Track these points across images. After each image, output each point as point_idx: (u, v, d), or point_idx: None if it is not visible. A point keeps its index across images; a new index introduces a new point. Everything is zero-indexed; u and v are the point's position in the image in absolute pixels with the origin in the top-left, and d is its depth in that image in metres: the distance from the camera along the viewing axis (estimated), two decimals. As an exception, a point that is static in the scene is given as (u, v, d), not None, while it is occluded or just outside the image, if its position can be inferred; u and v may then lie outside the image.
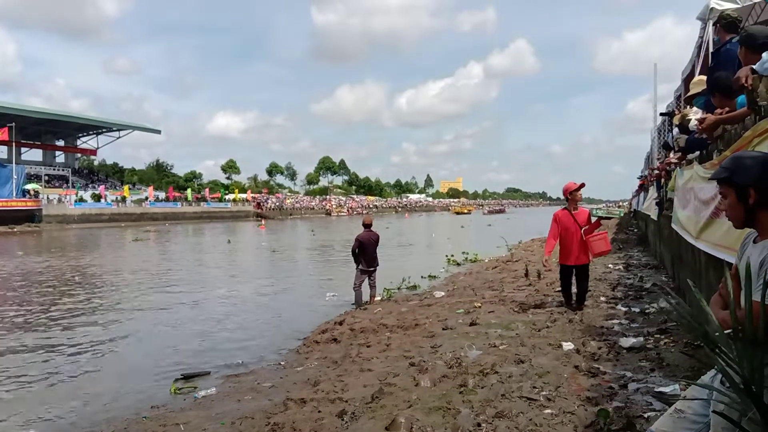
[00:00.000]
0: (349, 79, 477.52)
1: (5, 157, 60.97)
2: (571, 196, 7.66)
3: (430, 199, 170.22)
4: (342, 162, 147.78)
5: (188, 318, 10.46)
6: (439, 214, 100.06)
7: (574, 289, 7.78)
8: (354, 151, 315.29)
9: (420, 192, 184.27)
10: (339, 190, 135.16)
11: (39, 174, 62.68)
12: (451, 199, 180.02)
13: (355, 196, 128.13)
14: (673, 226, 7.86)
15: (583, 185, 7.71)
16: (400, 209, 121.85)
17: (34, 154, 73.03)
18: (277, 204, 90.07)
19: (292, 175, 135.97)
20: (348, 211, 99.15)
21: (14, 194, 50.68)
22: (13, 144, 55.87)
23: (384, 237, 14.92)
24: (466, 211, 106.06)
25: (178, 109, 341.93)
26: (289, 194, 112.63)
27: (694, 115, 6.94)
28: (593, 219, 7.69)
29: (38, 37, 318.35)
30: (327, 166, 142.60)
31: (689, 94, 6.75)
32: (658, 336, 5.75)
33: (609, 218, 8.32)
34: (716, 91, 4.58)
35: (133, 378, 6.82)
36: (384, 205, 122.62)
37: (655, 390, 4.13)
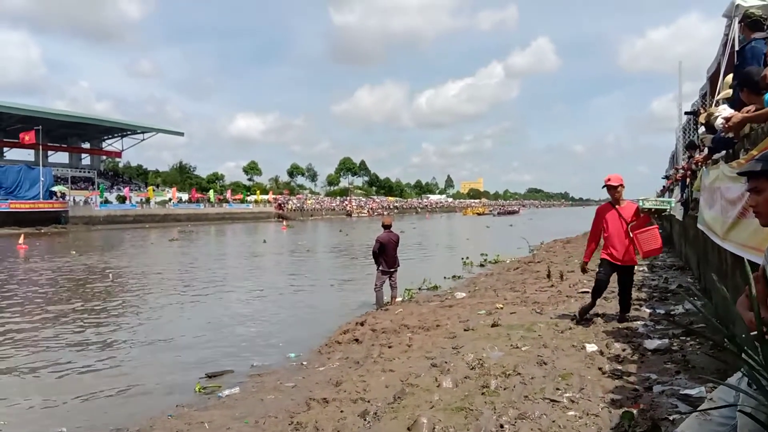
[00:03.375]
0: (369, 80, 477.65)
1: (32, 159, 62.24)
2: (608, 190, 6.65)
3: (450, 199, 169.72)
4: (362, 163, 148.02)
5: (216, 315, 10.69)
6: (460, 215, 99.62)
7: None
8: (374, 152, 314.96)
9: (440, 193, 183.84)
10: (359, 191, 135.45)
11: (65, 176, 63.80)
12: (472, 200, 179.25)
13: (375, 197, 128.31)
14: (699, 226, 7.74)
15: (617, 187, 6.58)
16: (420, 210, 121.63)
17: (61, 157, 74.37)
18: (298, 205, 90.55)
19: (313, 177, 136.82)
20: (369, 212, 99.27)
21: (41, 196, 51.69)
22: (40, 147, 56.99)
23: (409, 237, 14.88)
24: (487, 212, 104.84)
25: (199, 111, 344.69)
26: (310, 195, 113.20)
27: (723, 112, 6.81)
28: (642, 213, 6.59)
29: (62, 41, 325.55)
30: (347, 167, 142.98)
31: (721, 95, 6.65)
32: (684, 338, 5.67)
33: (663, 210, 6.73)
34: (745, 86, 4.51)
35: (159, 376, 6.95)
36: (404, 206, 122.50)
37: (681, 392, 4.08)
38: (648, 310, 7.29)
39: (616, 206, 6.61)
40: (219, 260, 22.46)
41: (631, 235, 6.45)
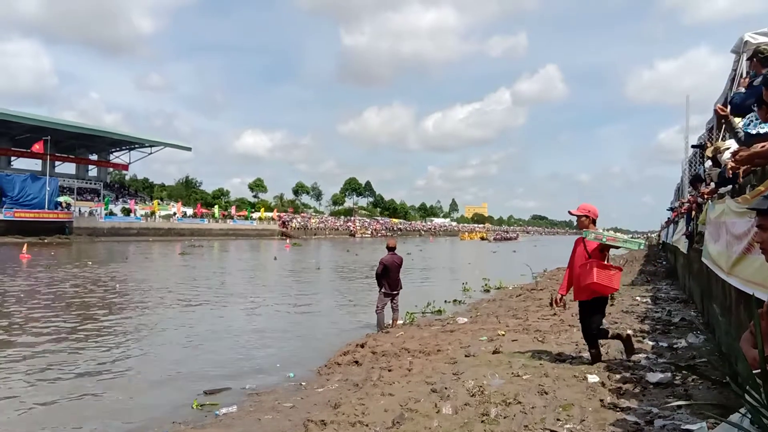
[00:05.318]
0: (377, 101, 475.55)
1: (39, 169, 62.72)
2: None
3: (454, 223, 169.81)
4: (368, 184, 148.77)
5: (217, 332, 10.63)
6: (463, 239, 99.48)
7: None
8: (379, 173, 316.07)
9: (444, 216, 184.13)
10: (364, 212, 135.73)
11: (71, 187, 64.24)
12: (476, 225, 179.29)
13: (379, 218, 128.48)
14: (704, 260, 7.73)
15: (581, 216, 6.17)
16: (424, 233, 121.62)
17: (68, 167, 74.99)
18: (302, 224, 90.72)
19: (318, 196, 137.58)
20: (372, 233, 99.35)
21: (46, 206, 51.97)
22: (48, 157, 57.47)
23: (416, 260, 14.84)
24: (488, 238, 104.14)
25: (207, 127, 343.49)
26: (314, 214, 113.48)
27: (731, 146, 6.84)
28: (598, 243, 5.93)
29: (74, 52, 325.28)
30: (353, 187, 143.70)
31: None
32: (686, 372, 5.63)
33: (614, 247, 5.90)
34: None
35: (157, 391, 6.91)
36: (408, 228, 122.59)
37: (682, 427, 4.04)
38: (651, 343, 7.25)
39: (584, 240, 6.13)
40: (228, 276, 22.62)
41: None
